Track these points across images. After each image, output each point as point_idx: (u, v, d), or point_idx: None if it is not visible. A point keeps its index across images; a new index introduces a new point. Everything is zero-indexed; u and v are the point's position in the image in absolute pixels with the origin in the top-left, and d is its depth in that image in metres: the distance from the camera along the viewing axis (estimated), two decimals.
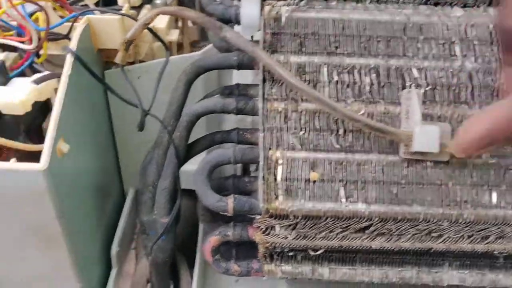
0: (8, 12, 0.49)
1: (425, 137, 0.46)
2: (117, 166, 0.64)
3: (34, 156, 0.48)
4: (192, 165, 0.54)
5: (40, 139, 0.58)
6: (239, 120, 0.64)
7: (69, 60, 0.47)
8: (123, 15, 0.52)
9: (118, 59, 0.49)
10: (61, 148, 0.44)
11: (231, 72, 0.73)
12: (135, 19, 0.53)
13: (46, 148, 0.43)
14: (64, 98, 0.45)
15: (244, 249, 0.57)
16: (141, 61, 0.59)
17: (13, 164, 0.42)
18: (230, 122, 0.71)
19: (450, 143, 0.47)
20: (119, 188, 0.66)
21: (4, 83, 0.49)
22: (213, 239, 0.53)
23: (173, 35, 0.60)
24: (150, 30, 0.51)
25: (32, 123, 0.57)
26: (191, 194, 0.55)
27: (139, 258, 0.64)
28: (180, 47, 0.66)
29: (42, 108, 0.58)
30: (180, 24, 0.69)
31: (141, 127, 0.50)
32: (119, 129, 0.62)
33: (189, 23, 0.71)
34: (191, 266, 0.64)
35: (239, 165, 0.66)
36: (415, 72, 0.50)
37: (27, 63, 0.54)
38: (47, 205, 0.44)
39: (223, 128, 0.71)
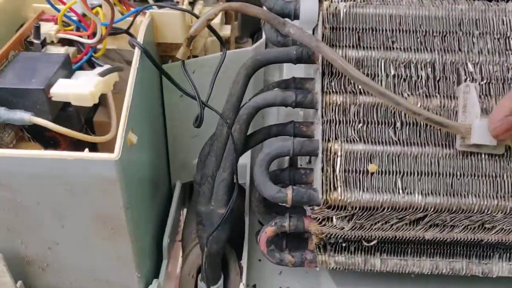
0: (75, 7, 0.50)
1: (484, 130, 0.47)
2: (166, 159, 0.65)
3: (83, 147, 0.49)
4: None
5: (92, 132, 0.59)
6: (286, 114, 0.65)
7: (136, 53, 0.48)
8: (184, 10, 0.53)
9: (180, 54, 0.50)
10: (131, 139, 0.45)
11: (277, 67, 0.74)
12: (196, 15, 0.54)
13: (118, 138, 0.43)
14: (133, 90, 0.46)
15: (293, 241, 0.58)
16: (193, 56, 0.60)
17: (87, 153, 0.43)
18: (274, 116, 0.72)
19: None
20: (167, 180, 0.67)
21: (69, 76, 0.51)
22: (269, 230, 0.54)
23: (226, 31, 0.61)
24: (209, 25, 0.52)
25: (87, 116, 0.58)
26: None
27: (186, 250, 0.65)
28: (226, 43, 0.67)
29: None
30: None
31: (200, 122, 0.50)
32: (171, 122, 0.63)
33: None
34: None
35: (286, 158, 0.67)
36: (470, 67, 0.51)
37: (86, 57, 0.55)
38: (117, 194, 0.45)
39: (266, 122, 0.72)
